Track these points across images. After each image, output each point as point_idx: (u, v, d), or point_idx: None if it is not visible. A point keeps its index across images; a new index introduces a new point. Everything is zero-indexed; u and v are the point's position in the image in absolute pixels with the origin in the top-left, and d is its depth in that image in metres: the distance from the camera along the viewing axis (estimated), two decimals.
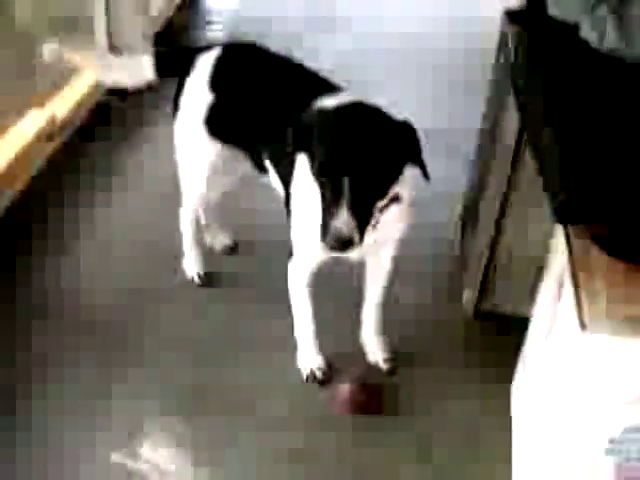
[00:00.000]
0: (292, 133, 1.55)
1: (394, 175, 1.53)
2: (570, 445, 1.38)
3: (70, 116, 2.77)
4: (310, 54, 1.92)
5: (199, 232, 2.27)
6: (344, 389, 1.91)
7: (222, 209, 2.31)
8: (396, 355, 2.03)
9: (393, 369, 2.02)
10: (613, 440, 1.32)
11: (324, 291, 1.92)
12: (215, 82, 1.89)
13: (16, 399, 1.86)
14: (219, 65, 1.90)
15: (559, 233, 1.50)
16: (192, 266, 2.25)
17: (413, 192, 1.70)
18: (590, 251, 1.32)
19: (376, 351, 2.03)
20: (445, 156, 2.63)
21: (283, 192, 1.84)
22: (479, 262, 2.09)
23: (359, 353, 2.04)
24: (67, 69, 2.89)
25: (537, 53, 1.75)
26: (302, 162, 1.64)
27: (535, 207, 1.86)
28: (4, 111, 2.57)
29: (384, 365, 2.02)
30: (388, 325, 2.04)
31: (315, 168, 1.52)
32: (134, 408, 1.87)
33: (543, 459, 1.50)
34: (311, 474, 1.76)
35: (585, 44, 1.73)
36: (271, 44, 1.96)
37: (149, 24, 3.29)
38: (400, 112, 1.55)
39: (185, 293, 2.22)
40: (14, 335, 2.02)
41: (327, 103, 1.62)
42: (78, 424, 1.82)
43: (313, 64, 1.90)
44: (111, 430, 1.82)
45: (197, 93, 1.91)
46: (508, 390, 1.89)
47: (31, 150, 2.52)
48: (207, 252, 2.31)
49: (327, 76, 1.85)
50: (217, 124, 1.91)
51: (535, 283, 1.77)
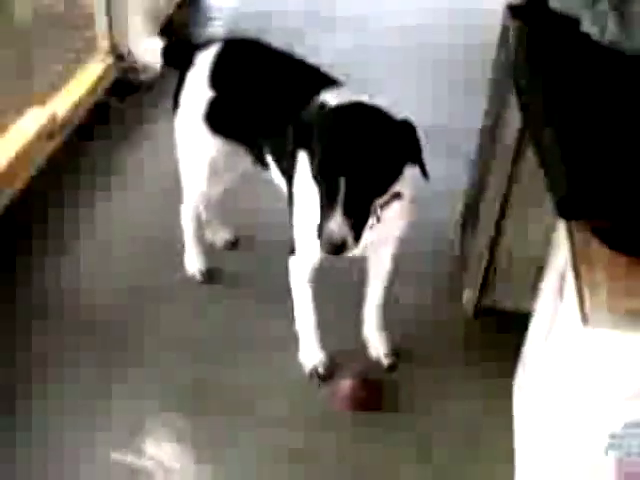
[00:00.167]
0: (292, 131, 1.55)
1: (393, 175, 1.52)
2: (571, 439, 1.38)
3: (70, 115, 2.76)
4: (310, 51, 1.91)
5: (200, 228, 2.27)
6: (345, 385, 1.91)
7: (223, 206, 2.30)
8: (397, 351, 2.03)
9: (394, 364, 2.02)
10: (614, 435, 1.32)
11: (325, 287, 1.91)
12: (215, 78, 1.89)
13: (16, 399, 1.86)
14: (219, 61, 1.90)
15: (561, 228, 1.49)
16: (194, 263, 2.25)
17: (414, 190, 1.68)
18: (592, 246, 1.32)
19: (378, 346, 2.03)
20: (445, 155, 2.62)
21: (285, 187, 1.84)
22: (479, 262, 2.08)
23: (360, 350, 2.04)
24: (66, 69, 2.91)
25: (538, 48, 1.74)
26: (303, 157, 1.63)
27: (536, 206, 1.86)
28: (4, 110, 2.56)
29: (385, 360, 2.02)
30: (389, 324, 2.03)
31: (313, 167, 1.51)
32: (135, 407, 1.87)
33: (544, 454, 1.50)
34: (311, 473, 1.76)
35: (586, 37, 1.73)
36: (271, 41, 1.95)
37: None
38: (400, 110, 1.53)
39: (185, 292, 2.21)
40: (14, 335, 2.01)
41: (328, 99, 1.62)
42: (78, 424, 1.82)
43: (313, 60, 1.89)
44: (112, 429, 1.82)
45: (197, 89, 1.91)
46: (509, 388, 1.89)
47: (31, 148, 2.51)
48: (208, 248, 2.31)
49: (327, 71, 1.84)
50: (217, 120, 1.91)
51: (536, 281, 1.76)
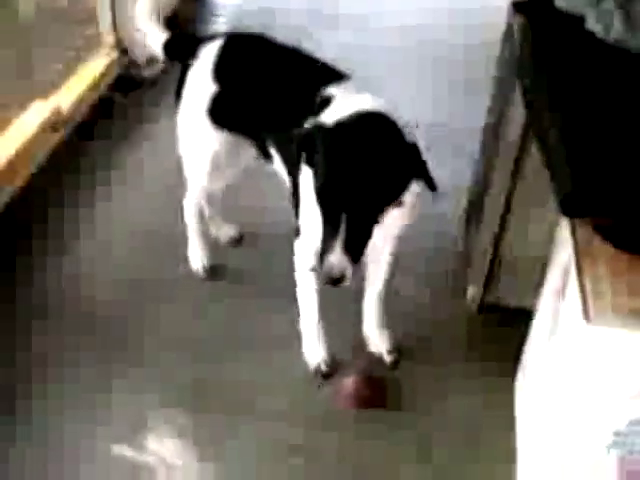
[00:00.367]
0: (296, 146, 1.54)
1: (397, 197, 1.51)
2: (574, 437, 1.38)
3: (74, 109, 2.75)
4: (313, 47, 1.91)
5: (204, 224, 2.27)
6: (348, 383, 1.91)
7: (226, 202, 2.30)
8: (399, 348, 2.02)
9: (396, 361, 2.01)
10: (618, 433, 1.32)
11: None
12: (218, 72, 1.88)
13: (16, 399, 1.86)
14: (222, 55, 1.90)
15: (564, 226, 1.49)
16: (197, 258, 2.25)
17: (416, 196, 1.65)
18: (595, 244, 1.31)
19: (379, 343, 2.03)
20: (449, 153, 2.62)
21: (288, 179, 1.83)
22: (483, 258, 2.07)
23: (362, 347, 2.03)
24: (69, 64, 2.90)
25: (543, 45, 1.72)
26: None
27: (539, 203, 1.85)
28: (7, 104, 2.55)
29: (387, 357, 2.01)
30: (390, 320, 2.03)
31: (315, 192, 1.50)
32: (135, 406, 1.87)
33: (547, 451, 1.50)
34: (311, 471, 1.76)
35: (591, 35, 1.70)
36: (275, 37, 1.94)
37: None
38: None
39: (186, 292, 2.21)
40: (14, 335, 2.01)
41: (333, 93, 1.64)
42: (78, 420, 1.82)
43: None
44: (112, 425, 1.82)
45: (200, 83, 1.91)
46: (510, 386, 1.89)
47: (34, 143, 2.49)
48: (212, 244, 2.30)
49: (330, 63, 1.83)
50: (221, 113, 1.90)
51: (540, 278, 1.75)
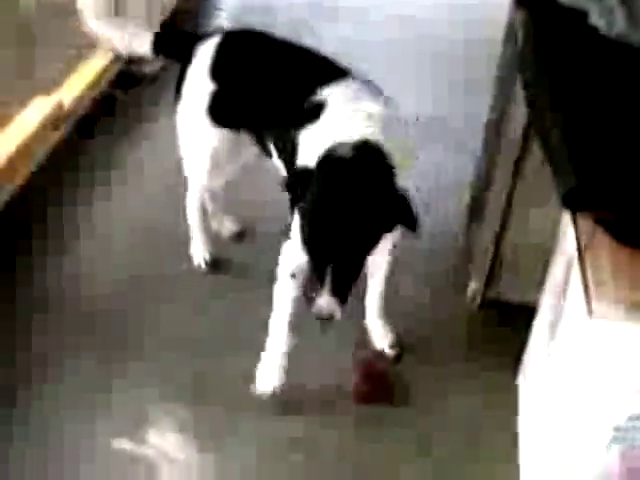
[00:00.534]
0: (290, 186, 1.57)
1: (379, 241, 1.54)
2: (575, 431, 1.38)
3: (75, 105, 2.73)
4: (314, 41, 1.92)
5: (206, 220, 2.28)
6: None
7: (226, 198, 2.30)
8: (401, 343, 2.02)
9: (399, 355, 2.01)
10: (618, 428, 1.32)
11: None
12: (216, 70, 1.88)
13: (16, 399, 1.85)
14: (220, 52, 1.90)
15: (566, 222, 1.49)
16: (199, 252, 2.26)
17: None
18: (597, 238, 1.31)
19: (382, 338, 2.03)
20: (447, 147, 2.61)
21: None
22: (485, 254, 2.06)
23: (363, 343, 2.03)
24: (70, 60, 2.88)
25: (545, 41, 1.71)
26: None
27: (542, 199, 1.83)
28: (7, 101, 2.54)
29: (390, 351, 2.01)
30: (391, 318, 2.02)
31: (302, 241, 1.54)
32: (135, 401, 1.88)
33: (548, 446, 1.50)
34: (311, 470, 1.76)
35: (594, 30, 1.69)
36: (276, 32, 1.94)
37: (154, 12, 3.26)
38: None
39: (186, 289, 2.20)
40: (14, 335, 2.01)
41: (330, 93, 1.66)
42: (78, 423, 1.82)
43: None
44: (113, 420, 1.83)
45: (199, 80, 1.91)
46: (510, 385, 1.89)
47: (35, 140, 2.48)
48: (214, 239, 2.30)
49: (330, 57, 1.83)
50: (220, 111, 1.90)
51: (542, 273, 1.76)
